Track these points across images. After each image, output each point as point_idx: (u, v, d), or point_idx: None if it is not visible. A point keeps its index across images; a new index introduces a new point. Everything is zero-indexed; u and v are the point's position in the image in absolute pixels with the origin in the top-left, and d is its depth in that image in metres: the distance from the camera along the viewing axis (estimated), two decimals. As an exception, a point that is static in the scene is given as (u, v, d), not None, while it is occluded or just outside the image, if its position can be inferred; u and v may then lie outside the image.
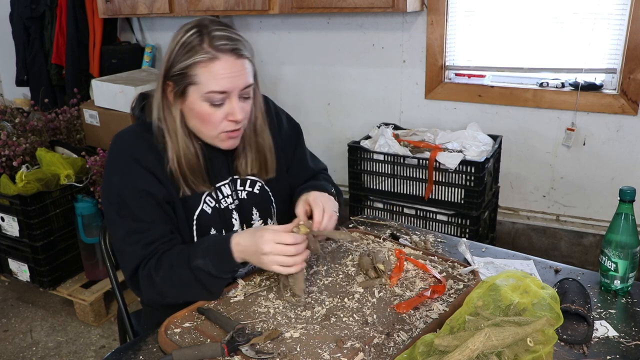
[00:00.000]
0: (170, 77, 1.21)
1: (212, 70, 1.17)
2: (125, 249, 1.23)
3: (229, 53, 1.17)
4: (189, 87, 1.19)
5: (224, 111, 1.21)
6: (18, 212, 2.53)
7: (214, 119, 1.21)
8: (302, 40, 3.14)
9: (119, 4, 3.21)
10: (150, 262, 1.20)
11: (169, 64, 1.21)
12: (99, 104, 2.96)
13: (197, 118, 1.23)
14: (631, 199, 1.24)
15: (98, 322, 2.61)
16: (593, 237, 2.71)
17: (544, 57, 2.63)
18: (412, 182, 2.49)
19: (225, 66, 1.17)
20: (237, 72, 1.19)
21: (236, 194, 1.37)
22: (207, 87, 1.18)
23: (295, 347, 1.05)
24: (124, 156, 1.25)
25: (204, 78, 1.17)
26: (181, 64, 1.18)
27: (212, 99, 1.19)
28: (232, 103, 1.21)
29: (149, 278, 1.20)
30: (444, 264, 1.35)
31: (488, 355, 0.86)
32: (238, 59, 1.19)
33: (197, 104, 1.20)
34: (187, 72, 1.18)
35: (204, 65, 1.17)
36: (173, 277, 1.18)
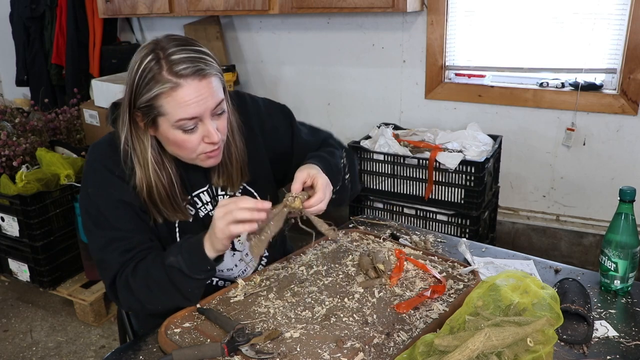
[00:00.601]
0: (137, 108, 1.14)
1: (176, 99, 1.10)
2: (104, 257, 1.20)
3: (191, 77, 1.10)
4: (158, 118, 1.14)
5: (199, 135, 1.15)
6: (18, 212, 2.53)
7: (190, 145, 1.16)
8: (302, 40, 3.14)
9: (119, 4, 3.21)
10: (127, 269, 1.17)
11: (132, 94, 1.13)
12: (99, 104, 2.97)
13: (173, 145, 1.17)
14: (631, 199, 1.24)
15: (98, 322, 2.61)
16: (593, 237, 2.71)
17: (544, 57, 2.64)
18: (412, 182, 2.49)
19: (190, 92, 1.10)
20: (204, 94, 1.11)
21: (216, 200, 1.33)
22: (176, 116, 1.11)
23: (295, 347, 1.05)
24: (99, 167, 1.22)
25: (170, 108, 1.11)
26: (144, 97, 1.12)
27: (184, 126, 1.13)
28: (206, 125, 1.15)
29: (126, 285, 1.17)
30: (444, 264, 1.35)
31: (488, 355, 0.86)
32: (202, 79, 1.11)
33: (169, 132, 1.14)
34: (153, 104, 1.12)
35: (168, 95, 1.10)
36: (149, 281, 1.15)
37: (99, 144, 1.27)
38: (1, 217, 2.61)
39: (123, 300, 1.20)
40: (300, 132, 1.44)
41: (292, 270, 1.34)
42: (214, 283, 1.38)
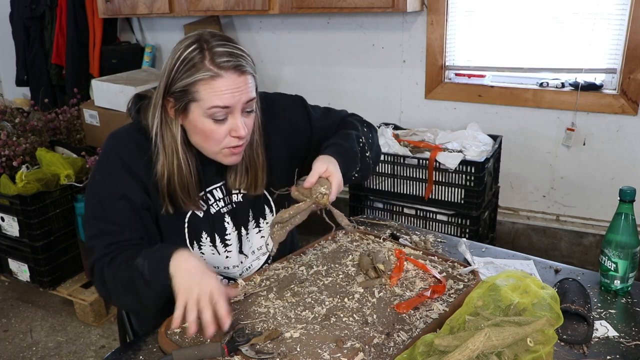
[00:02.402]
0: (171, 94, 1.18)
1: (214, 87, 1.15)
2: (92, 245, 1.23)
3: (231, 70, 1.15)
4: (191, 104, 1.17)
5: (227, 127, 1.19)
6: (18, 212, 2.53)
7: (217, 135, 1.19)
8: (302, 40, 3.14)
9: (119, 4, 3.21)
10: (105, 259, 1.18)
11: (169, 79, 1.17)
12: (99, 104, 2.97)
13: (200, 134, 1.20)
14: (631, 199, 1.24)
15: (98, 322, 2.61)
16: (593, 237, 2.71)
17: (544, 57, 2.64)
18: (412, 182, 2.49)
19: (228, 82, 1.15)
20: (240, 88, 1.16)
21: (229, 197, 1.35)
22: (210, 103, 1.15)
23: (295, 347, 1.04)
24: (113, 157, 1.25)
25: (206, 94, 1.15)
26: (182, 82, 1.16)
27: (215, 114, 1.17)
28: (235, 119, 1.19)
29: (100, 274, 1.18)
30: (444, 264, 1.35)
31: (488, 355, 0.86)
32: (241, 75, 1.16)
33: (199, 120, 1.18)
34: (189, 89, 1.16)
35: (206, 82, 1.14)
36: (117, 275, 1.15)
37: (119, 134, 1.30)
38: (1, 217, 2.61)
39: (96, 287, 1.24)
40: (316, 119, 1.45)
41: (292, 270, 1.34)
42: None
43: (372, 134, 1.46)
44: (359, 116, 1.51)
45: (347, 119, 1.47)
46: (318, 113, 1.47)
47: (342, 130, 1.40)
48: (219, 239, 1.34)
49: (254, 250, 1.41)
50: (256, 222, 1.40)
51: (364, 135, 1.39)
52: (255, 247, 1.41)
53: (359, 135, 1.38)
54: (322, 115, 1.47)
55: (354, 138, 1.35)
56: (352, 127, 1.42)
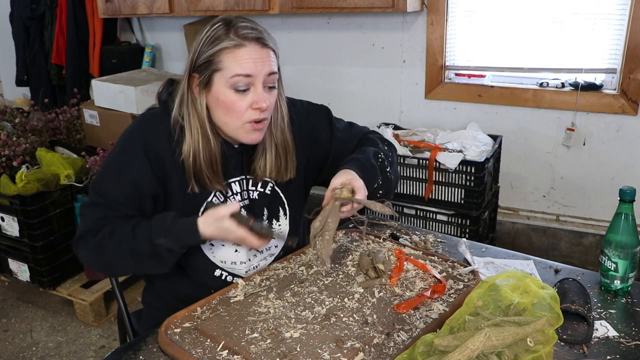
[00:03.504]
0: (196, 69, 1.22)
1: (237, 56, 1.18)
2: (85, 213, 1.27)
3: (254, 41, 1.20)
4: (214, 75, 1.21)
5: (249, 99, 1.21)
6: (18, 212, 2.53)
7: (239, 107, 1.21)
8: (302, 40, 3.14)
9: (119, 4, 3.21)
10: (103, 231, 1.22)
11: (194, 56, 1.22)
12: (99, 104, 2.97)
13: (222, 107, 1.23)
14: (631, 199, 1.24)
15: (98, 322, 2.61)
16: (593, 237, 2.71)
17: (544, 57, 2.64)
18: (412, 182, 2.49)
19: (251, 52, 1.19)
20: (261, 58, 1.20)
21: (247, 193, 1.36)
22: (232, 71, 1.19)
23: (295, 347, 1.04)
24: (136, 136, 1.28)
25: (229, 63, 1.19)
26: (207, 53, 1.20)
27: (237, 83, 1.19)
28: (257, 90, 1.21)
29: (98, 246, 1.22)
30: (444, 264, 1.35)
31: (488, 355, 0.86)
32: (263, 47, 1.21)
33: (222, 91, 1.21)
34: (213, 59, 1.20)
35: (230, 51, 1.19)
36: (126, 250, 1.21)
37: (150, 115, 1.32)
38: (1, 217, 2.61)
39: (86, 257, 1.29)
40: (338, 130, 1.48)
41: (292, 270, 1.34)
42: (223, 277, 1.38)
43: (392, 152, 1.49)
44: (380, 134, 1.54)
45: (368, 136, 1.50)
46: (341, 125, 1.50)
47: (361, 147, 1.44)
48: None
49: (263, 250, 1.42)
50: (269, 223, 1.40)
51: (383, 152, 1.42)
52: (266, 247, 1.42)
53: (378, 152, 1.40)
54: (344, 127, 1.50)
55: (371, 153, 1.38)
56: (371, 144, 1.45)
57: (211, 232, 1.21)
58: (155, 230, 1.21)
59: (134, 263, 1.24)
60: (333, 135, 1.46)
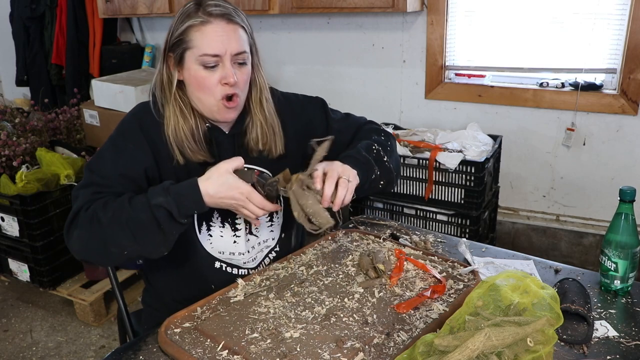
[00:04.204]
0: (170, 48, 1.27)
1: (204, 33, 1.22)
2: (79, 194, 1.25)
3: (220, 17, 1.23)
4: (185, 53, 1.25)
5: (218, 75, 1.25)
6: (18, 212, 2.53)
7: (209, 83, 1.25)
8: (302, 40, 3.14)
9: (119, 4, 3.21)
10: (96, 203, 1.19)
11: (168, 35, 1.27)
12: (99, 104, 2.97)
13: (194, 84, 1.27)
14: (631, 199, 1.24)
15: (98, 322, 2.61)
16: (593, 237, 2.71)
17: (544, 57, 2.64)
18: (412, 182, 2.49)
19: (217, 29, 1.23)
20: (228, 36, 1.23)
21: None
22: (200, 50, 1.23)
23: (295, 347, 1.04)
24: (133, 120, 1.32)
25: (198, 42, 1.23)
26: (178, 31, 1.25)
27: (206, 61, 1.23)
28: (225, 67, 1.24)
29: (93, 219, 1.17)
30: (444, 264, 1.35)
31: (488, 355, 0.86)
32: (229, 23, 1.24)
33: (192, 68, 1.25)
34: (183, 37, 1.24)
35: (197, 29, 1.23)
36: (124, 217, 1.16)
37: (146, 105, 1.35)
38: (1, 217, 2.61)
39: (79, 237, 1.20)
40: (334, 121, 1.49)
41: (292, 270, 1.34)
42: (223, 268, 1.39)
43: (391, 141, 1.49)
44: (377, 125, 1.54)
45: (364, 127, 1.51)
46: (337, 115, 1.51)
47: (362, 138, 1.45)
48: (229, 221, 1.36)
49: (260, 241, 1.43)
50: (269, 215, 1.40)
51: (377, 142, 1.42)
52: (263, 239, 1.43)
53: (371, 144, 1.40)
54: (340, 118, 1.51)
55: (363, 147, 1.38)
56: (365, 136, 1.45)
57: (214, 190, 1.17)
58: (153, 193, 1.18)
59: (131, 235, 1.16)
60: (329, 126, 1.47)
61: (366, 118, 1.57)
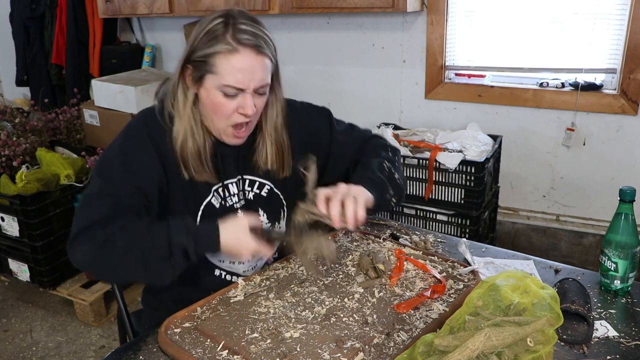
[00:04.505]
0: (191, 62, 1.22)
1: (231, 63, 1.17)
2: (91, 202, 1.20)
3: (249, 48, 1.18)
4: (207, 75, 1.20)
5: (236, 103, 1.22)
6: (18, 212, 2.53)
7: (225, 110, 1.22)
8: (302, 40, 3.14)
9: (119, 4, 3.21)
10: (115, 225, 1.14)
11: (191, 48, 1.21)
12: (99, 104, 2.97)
13: (210, 106, 1.23)
14: (631, 199, 1.24)
15: (98, 322, 2.61)
16: (593, 237, 2.71)
17: (544, 57, 2.63)
18: (412, 182, 2.49)
19: (244, 61, 1.18)
20: (255, 68, 1.19)
21: (243, 193, 1.36)
22: (224, 80, 1.19)
23: (295, 347, 1.04)
24: (140, 127, 1.27)
25: (222, 69, 1.18)
26: (203, 51, 1.19)
27: (227, 91, 1.20)
28: (246, 97, 1.21)
29: (109, 241, 1.13)
30: (444, 264, 1.35)
31: (488, 355, 0.86)
32: (258, 55, 1.19)
33: (212, 92, 1.21)
34: (207, 60, 1.19)
35: (224, 56, 1.17)
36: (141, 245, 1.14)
37: (151, 110, 1.32)
38: (1, 217, 2.61)
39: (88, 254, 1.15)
40: (338, 132, 1.47)
41: (292, 270, 1.34)
42: (222, 277, 1.38)
43: (397, 157, 1.48)
44: (383, 139, 1.52)
45: (370, 142, 1.49)
46: (341, 127, 1.49)
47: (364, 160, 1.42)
48: None
49: None
50: (272, 225, 1.41)
51: (387, 159, 1.41)
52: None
53: (382, 162, 1.39)
54: (344, 130, 1.50)
55: (376, 166, 1.37)
56: (374, 153, 1.44)
57: (227, 242, 1.17)
58: (175, 228, 1.16)
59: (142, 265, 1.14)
60: (333, 138, 1.45)
61: (371, 131, 1.55)
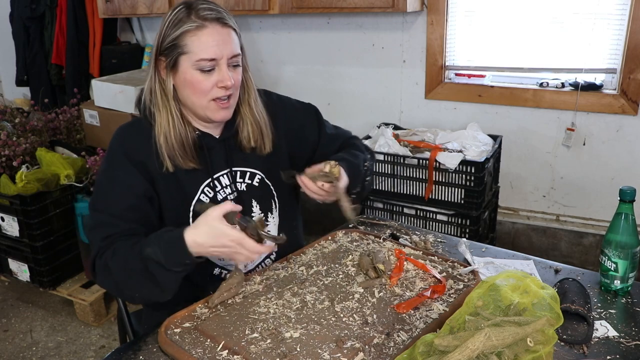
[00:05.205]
0: (162, 52, 1.26)
1: (200, 38, 1.22)
2: (91, 239, 1.28)
3: (214, 22, 1.23)
4: (180, 57, 1.24)
5: (214, 78, 1.25)
6: (18, 212, 2.53)
7: (205, 86, 1.25)
8: (302, 40, 3.14)
9: (119, 4, 3.21)
10: (107, 252, 1.20)
11: (160, 40, 1.26)
12: (99, 104, 2.97)
13: (189, 87, 1.26)
14: (631, 199, 1.24)
15: (98, 322, 2.61)
16: (593, 237, 2.71)
17: (544, 57, 2.63)
18: (412, 182, 2.49)
19: (213, 32, 1.23)
20: (224, 39, 1.24)
21: (235, 185, 1.37)
22: (197, 55, 1.22)
23: (295, 347, 1.05)
24: (117, 148, 1.31)
25: (194, 46, 1.22)
26: (171, 36, 1.23)
27: (202, 66, 1.23)
28: (222, 70, 1.25)
29: (105, 267, 1.20)
30: (444, 264, 1.35)
31: (488, 355, 0.86)
32: (224, 27, 1.24)
33: (188, 72, 1.24)
34: (177, 42, 1.23)
35: (193, 34, 1.22)
36: (127, 268, 1.17)
37: (123, 126, 1.35)
38: (1, 217, 2.61)
39: (103, 282, 1.26)
40: (326, 126, 1.53)
41: (292, 270, 1.34)
42: (223, 275, 1.38)
43: (373, 162, 1.55)
44: (362, 141, 1.59)
45: (353, 140, 1.55)
46: (328, 124, 1.56)
47: (351, 149, 1.48)
48: None
49: None
50: (264, 216, 1.41)
51: (367, 161, 1.47)
52: None
53: (365, 159, 1.46)
54: (331, 126, 1.56)
55: (361, 159, 1.43)
56: (359, 149, 1.50)
57: (203, 239, 1.13)
58: (146, 242, 1.17)
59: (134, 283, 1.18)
60: (321, 133, 1.50)
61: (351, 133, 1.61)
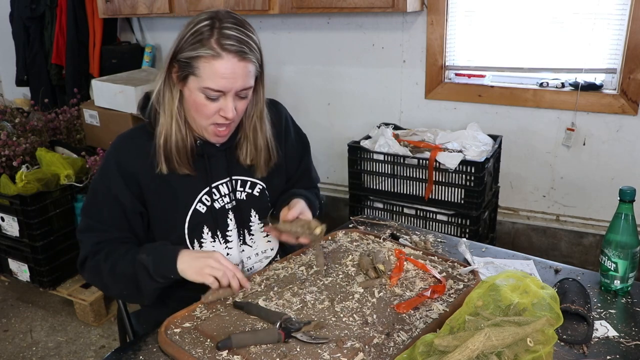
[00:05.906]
0: (177, 61, 1.24)
1: (213, 68, 1.19)
2: (82, 239, 1.34)
3: (232, 53, 1.18)
4: (190, 76, 1.22)
5: (218, 106, 1.24)
6: (18, 212, 2.53)
7: (207, 111, 1.25)
8: (302, 40, 3.14)
9: (119, 4, 3.21)
10: (100, 254, 1.29)
11: (177, 48, 1.23)
12: (99, 104, 2.97)
13: (192, 105, 1.26)
14: (631, 199, 1.24)
15: (98, 322, 2.61)
16: (593, 237, 2.71)
17: (544, 57, 2.63)
18: (412, 182, 2.49)
19: (227, 66, 1.19)
20: (237, 74, 1.20)
21: (234, 194, 1.37)
22: (205, 83, 1.20)
23: (295, 347, 1.05)
24: (110, 159, 1.32)
25: (205, 73, 1.20)
26: (187, 53, 1.21)
27: (208, 94, 1.22)
28: (227, 101, 1.23)
29: (96, 267, 1.29)
30: (444, 264, 1.35)
31: (488, 355, 0.86)
32: (241, 61, 1.20)
33: (194, 93, 1.23)
34: (191, 62, 1.21)
35: (207, 60, 1.19)
36: (117, 270, 1.26)
37: (122, 136, 1.36)
38: (1, 217, 2.61)
39: (89, 279, 1.39)
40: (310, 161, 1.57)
41: (292, 270, 1.34)
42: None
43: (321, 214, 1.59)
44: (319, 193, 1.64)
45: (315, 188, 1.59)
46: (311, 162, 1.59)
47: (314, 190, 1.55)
48: (220, 234, 1.37)
49: (257, 252, 1.43)
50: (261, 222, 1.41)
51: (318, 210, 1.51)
52: (260, 250, 1.43)
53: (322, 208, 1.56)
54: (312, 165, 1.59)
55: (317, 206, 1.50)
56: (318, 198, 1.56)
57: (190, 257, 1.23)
58: (142, 248, 1.27)
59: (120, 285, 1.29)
60: (301, 164, 1.53)
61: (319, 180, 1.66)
